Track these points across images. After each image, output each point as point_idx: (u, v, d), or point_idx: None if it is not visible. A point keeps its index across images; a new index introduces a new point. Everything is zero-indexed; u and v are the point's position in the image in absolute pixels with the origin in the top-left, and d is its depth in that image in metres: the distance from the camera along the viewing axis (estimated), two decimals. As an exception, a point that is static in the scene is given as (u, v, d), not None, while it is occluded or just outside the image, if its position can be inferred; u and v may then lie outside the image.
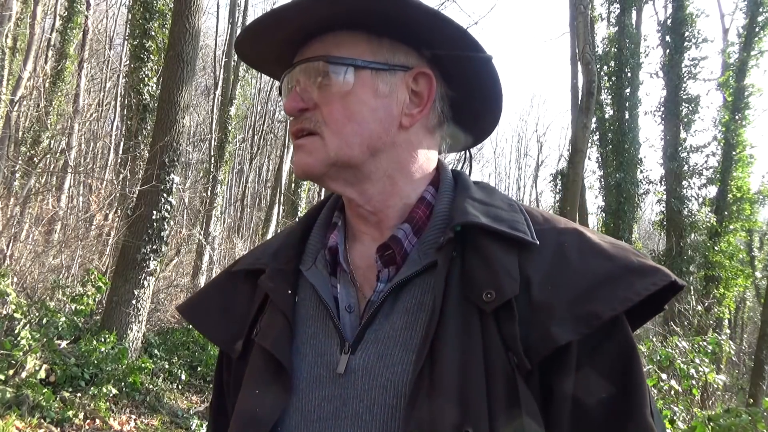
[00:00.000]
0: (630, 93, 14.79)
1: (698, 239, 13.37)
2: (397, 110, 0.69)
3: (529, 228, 0.65)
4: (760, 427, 3.33)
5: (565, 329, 0.57)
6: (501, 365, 0.57)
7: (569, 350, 0.58)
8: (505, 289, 0.59)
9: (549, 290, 0.60)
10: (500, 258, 0.62)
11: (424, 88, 0.71)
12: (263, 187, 27.49)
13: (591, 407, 0.58)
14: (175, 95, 6.24)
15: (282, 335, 0.68)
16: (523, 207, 0.71)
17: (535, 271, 0.61)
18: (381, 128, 0.68)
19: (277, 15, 0.68)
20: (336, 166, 0.69)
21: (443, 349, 0.59)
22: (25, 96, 11.87)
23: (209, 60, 21.67)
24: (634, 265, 0.60)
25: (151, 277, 6.17)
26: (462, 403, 0.56)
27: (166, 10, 10.16)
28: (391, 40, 0.70)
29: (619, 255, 0.62)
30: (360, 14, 0.67)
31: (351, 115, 0.67)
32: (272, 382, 0.66)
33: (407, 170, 0.72)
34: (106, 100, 17.42)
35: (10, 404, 4.10)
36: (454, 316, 0.60)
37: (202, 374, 6.66)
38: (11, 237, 6.97)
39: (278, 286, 0.71)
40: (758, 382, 8.58)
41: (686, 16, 13.96)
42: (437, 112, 0.73)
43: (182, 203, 13.55)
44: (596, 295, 0.58)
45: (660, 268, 0.60)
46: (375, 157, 0.69)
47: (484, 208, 0.68)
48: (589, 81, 7.52)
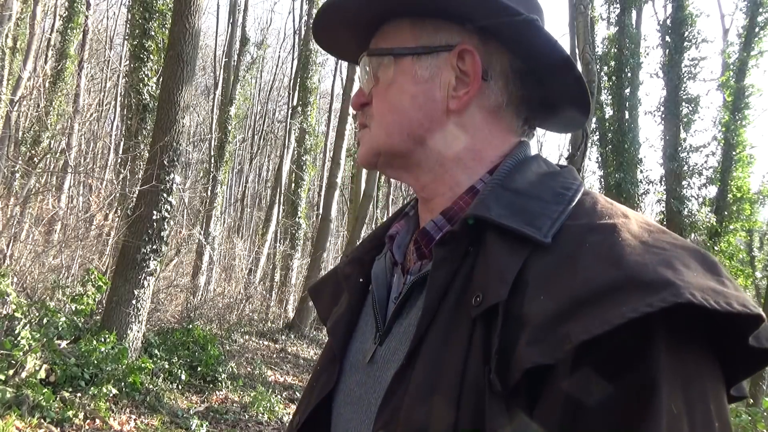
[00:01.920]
0: (630, 93, 14.78)
1: (698, 239, 13.36)
2: (440, 94, 0.66)
3: (554, 224, 0.55)
4: (760, 427, 3.33)
5: (533, 350, 0.47)
6: (475, 378, 0.51)
7: (547, 376, 0.47)
8: (491, 293, 0.53)
9: (538, 300, 0.50)
10: (501, 257, 0.55)
11: (469, 66, 0.65)
12: (263, 187, 27.49)
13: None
14: (175, 95, 6.24)
15: (342, 321, 0.72)
16: (582, 197, 0.59)
17: (536, 275, 0.52)
18: (423, 115, 0.66)
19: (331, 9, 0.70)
20: (384, 156, 0.69)
21: (427, 351, 0.56)
22: (25, 96, 11.87)
23: (209, 60, 21.68)
24: (642, 276, 0.46)
25: (151, 277, 6.17)
26: (428, 411, 0.52)
27: (166, 10, 10.16)
28: (434, 21, 0.67)
29: (636, 262, 0.47)
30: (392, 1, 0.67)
31: (391, 105, 0.68)
32: (329, 364, 0.71)
33: (460, 157, 0.67)
34: (106, 100, 17.42)
35: (10, 404, 4.10)
36: (446, 318, 0.57)
37: (202, 374, 6.66)
38: (11, 237, 6.97)
39: (351, 274, 0.75)
40: (758, 382, 8.59)
41: (686, 16, 13.96)
42: (498, 89, 0.67)
43: (182, 203, 13.54)
44: (579, 312, 0.46)
45: (673, 284, 0.45)
46: (422, 145, 0.67)
47: (513, 199, 0.59)
48: (589, 81, 7.51)
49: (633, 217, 0.55)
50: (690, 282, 0.45)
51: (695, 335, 0.47)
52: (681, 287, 0.44)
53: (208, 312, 10.41)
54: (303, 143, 16.20)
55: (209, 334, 7.78)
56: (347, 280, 0.75)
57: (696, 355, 0.47)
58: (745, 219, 13.45)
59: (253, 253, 14.93)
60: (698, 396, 0.45)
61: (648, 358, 0.45)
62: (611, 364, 0.45)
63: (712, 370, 0.48)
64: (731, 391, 0.52)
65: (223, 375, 6.80)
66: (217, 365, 6.81)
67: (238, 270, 14.43)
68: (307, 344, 11.10)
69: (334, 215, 14.63)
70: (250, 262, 14.72)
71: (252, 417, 5.98)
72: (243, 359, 8.49)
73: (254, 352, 9.30)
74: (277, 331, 11.41)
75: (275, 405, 6.37)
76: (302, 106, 15.97)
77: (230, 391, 6.64)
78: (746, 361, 0.49)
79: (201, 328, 7.76)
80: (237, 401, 6.41)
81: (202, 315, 10.02)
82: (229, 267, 14.56)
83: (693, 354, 0.47)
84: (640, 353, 0.45)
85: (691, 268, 0.47)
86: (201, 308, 10.29)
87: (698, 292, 0.44)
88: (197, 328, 7.54)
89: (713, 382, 0.47)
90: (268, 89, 27.38)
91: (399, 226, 0.74)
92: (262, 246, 15.18)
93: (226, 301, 11.59)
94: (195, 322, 8.76)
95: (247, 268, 14.40)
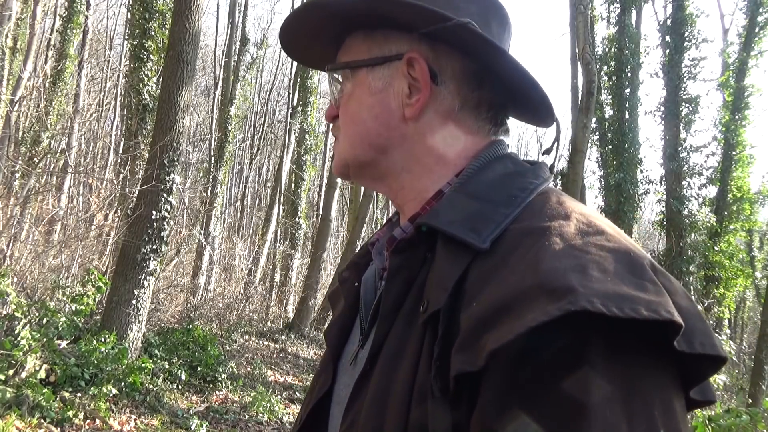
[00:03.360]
0: (630, 93, 14.79)
1: (698, 239, 13.36)
2: (395, 102, 0.67)
3: (496, 228, 0.55)
4: (760, 427, 3.33)
5: (459, 357, 0.47)
6: (423, 385, 0.51)
7: (478, 383, 0.47)
8: (432, 301, 0.53)
9: (471, 307, 0.50)
10: (445, 265, 0.55)
11: (418, 73, 0.65)
12: (263, 187, 27.50)
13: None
14: (175, 95, 6.24)
15: (336, 323, 0.74)
16: (535, 198, 0.59)
17: (473, 282, 0.52)
18: (380, 124, 0.67)
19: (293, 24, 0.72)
20: (352, 167, 0.72)
21: (384, 357, 0.57)
22: (25, 96, 11.87)
23: (209, 60, 21.67)
24: (551, 283, 0.45)
25: (151, 277, 6.17)
26: (382, 416, 0.53)
27: (166, 10, 10.16)
28: (383, 31, 0.68)
29: (549, 268, 0.47)
30: (339, 20, 0.69)
31: (352, 117, 0.70)
32: (326, 365, 0.72)
33: (423, 162, 0.67)
34: (106, 100, 17.42)
35: (10, 404, 4.10)
36: (402, 324, 0.58)
37: (202, 374, 6.66)
38: (11, 237, 6.97)
39: (348, 278, 0.76)
40: (758, 382, 8.59)
41: (686, 16, 13.96)
42: (451, 92, 0.66)
43: (182, 203, 13.54)
44: (497, 319, 0.46)
45: (574, 290, 0.43)
46: (386, 154, 0.68)
47: (466, 204, 0.59)
48: (589, 81, 7.52)
49: (575, 217, 0.54)
50: (593, 288, 0.44)
51: (640, 341, 0.45)
52: (580, 294, 0.43)
53: (208, 312, 10.41)
54: (303, 143, 16.20)
55: (209, 334, 7.78)
56: (344, 284, 0.77)
57: (641, 360, 0.45)
58: (745, 219, 13.45)
59: (253, 253, 14.93)
60: (641, 403, 0.43)
61: (580, 366, 0.43)
62: (540, 371, 0.44)
63: (661, 376, 0.46)
64: (692, 394, 0.51)
65: (223, 375, 6.80)
66: (217, 365, 6.81)
67: (238, 270, 14.44)
68: (307, 344, 11.10)
69: (334, 215, 14.64)
70: (250, 262, 14.72)
71: (252, 417, 5.98)
72: (243, 359, 8.49)
73: (254, 352, 9.30)
74: (277, 331, 11.41)
75: (275, 405, 6.37)
76: (302, 106, 15.98)
77: (230, 391, 6.63)
78: (695, 365, 0.48)
79: (201, 328, 7.76)
80: (237, 401, 6.41)
81: (202, 315, 10.03)
82: (229, 267, 14.56)
83: (636, 360, 0.45)
84: (573, 360, 0.44)
85: (607, 272, 0.46)
86: (201, 308, 10.29)
87: (598, 298, 0.43)
88: (197, 328, 7.54)
89: (661, 389, 0.45)
90: (268, 89, 27.38)
91: (381, 233, 0.76)
92: (262, 246, 15.18)
93: (226, 301, 11.59)
94: (195, 322, 8.76)
95: (247, 268, 14.40)
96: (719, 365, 0.48)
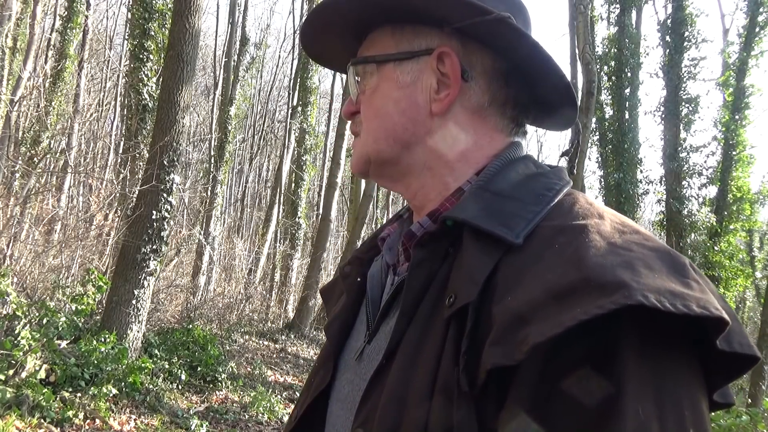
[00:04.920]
0: (630, 93, 14.79)
1: (698, 239, 13.35)
2: (423, 98, 0.66)
3: (528, 225, 0.55)
4: (760, 427, 3.33)
5: (495, 351, 0.46)
6: (446, 379, 0.50)
7: (512, 377, 0.46)
8: (462, 294, 0.52)
9: (505, 301, 0.49)
10: (474, 258, 0.55)
11: (449, 68, 0.65)
12: (263, 187, 27.50)
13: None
14: (175, 95, 6.24)
15: (337, 319, 0.73)
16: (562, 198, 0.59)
17: (506, 276, 0.52)
18: (407, 119, 0.67)
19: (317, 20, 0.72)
20: (374, 164, 0.70)
21: (403, 351, 0.56)
22: (25, 96, 11.87)
23: (209, 60, 21.68)
24: (599, 278, 0.45)
25: (151, 277, 6.17)
26: (401, 411, 0.52)
27: (166, 10, 10.16)
28: (413, 26, 0.68)
29: (596, 264, 0.46)
30: (370, 10, 0.68)
31: (376, 112, 0.69)
32: (326, 361, 0.72)
33: (446, 159, 0.67)
34: (106, 100, 17.43)
35: (10, 404, 4.10)
36: (423, 318, 0.57)
37: (202, 374, 6.66)
38: (11, 237, 6.97)
39: (350, 273, 0.76)
40: (758, 382, 8.59)
41: (686, 16, 13.96)
42: (480, 89, 0.66)
43: (182, 203, 13.55)
44: (538, 314, 0.46)
45: (627, 285, 0.43)
46: (409, 150, 0.68)
47: (492, 201, 0.59)
48: (589, 81, 7.52)
49: (609, 217, 0.55)
50: (646, 284, 0.44)
51: (672, 339, 0.46)
52: (634, 289, 0.43)
53: (208, 312, 10.41)
54: (303, 143, 16.20)
55: (209, 334, 7.77)
56: (346, 280, 0.76)
57: (672, 359, 0.45)
58: (745, 219, 13.44)
59: (253, 253, 14.93)
60: (671, 401, 0.43)
61: (614, 362, 0.43)
62: (574, 366, 0.44)
63: (690, 376, 0.46)
64: (714, 397, 0.50)
65: (223, 375, 6.80)
66: (217, 365, 6.81)
67: (238, 270, 14.44)
68: (307, 344, 11.10)
69: (334, 215, 14.63)
70: (250, 262, 14.72)
71: (252, 417, 5.98)
72: (243, 359, 8.49)
73: (254, 352, 9.30)
74: (277, 331, 11.41)
75: (275, 405, 6.37)
76: (302, 106, 15.98)
77: (230, 391, 6.64)
78: (725, 366, 0.48)
79: (201, 328, 7.76)
80: (237, 401, 6.41)
81: (202, 315, 10.02)
82: (229, 267, 14.56)
83: (668, 358, 0.45)
84: (607, 357, 0.44)
85: (654, 270, 0.46)
86: (201, 308, 10.29)
87: (652, 293, 0.43)
88: (197, 328, 7.54)
89: (690, 388, 0.45)
90: (268, 89, 27.38)
91: (391, 228, 0.76)
92: (262, 246, 15.18)
93: (226, 301, 11.59)
94: (195, 322, 8.76)
95: (247, 268, 14.40)
96: (751, 366, 0.48)
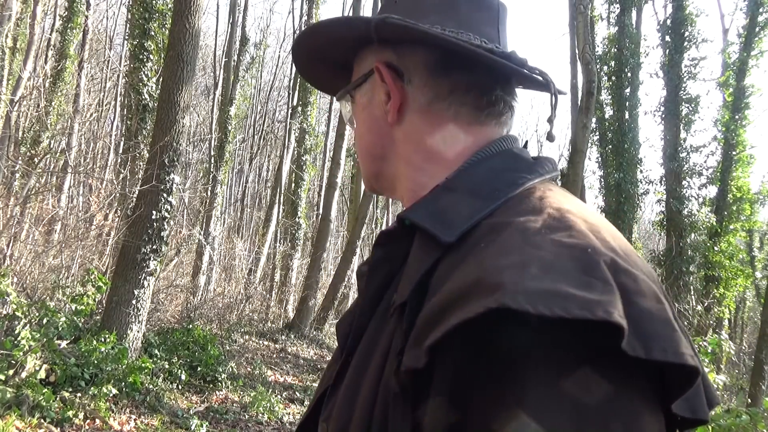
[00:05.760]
0: (630, 93, 14.79)
1: (698, 239, 13.36)
2: (379, 112, 0.70)
3: (465, 222, 0.54)
4: (760, 427, 3.33)
5: (409, 353, 0.46)
6: (387, 379, 0.50)
7: (429, 379, 0.45)
8: (400, 294, 0.53)
9: (429, 302, 0.49)
10: (415, 258, 0.55)
11: (386, 78, 0.68)
12: (263, 187, 27.50)
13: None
14: (175, 95, 6.24)
15: (346, 316, 0.74)
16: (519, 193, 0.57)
17: (438, 276, 0.51)
18: (374, 135, 0.72)
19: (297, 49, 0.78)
20: (371, 180, 0.76)
21: (359, 351, 0.58)
22: (25, 96, 11.88)
23: (209, 60, 21.67)
24: (487, 279, 0.43)
25: (151, 277, 6.17)
26: (351, 409, 0.53)
27: (166, 10, 10.16)
28: (361, 51, 0.73)
29: (494, 264, 0.45)
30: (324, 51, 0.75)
31: (357, 135, 0.75)
32: (336, 358, 0.72)
33: (415, 162, 0.68)
34: (106, 100, 17.43)
35: (10, 404, 4.10)
36: (380, 318, 0.58)
37: (202, 374, 6.66)
38: (11, 237, 6.97)
39: (364, 273, 0.77)
40: (758, 382, 8.58)
41: (686, 16, 13.96)
42: (422, 87, 0.67)
43: (182, 203, 13.55)
44: (440, 316, 0.45)
45: (502, 287, 0.41)
46: (386, 162, 0.72)
47: (447, 199, 0.59)
48: (589, 81, 7.52)
49: (548, 212, 0.51)
50: (525, 285, 0.41)
51: (588, 345, 0.42)
52: (507, 291, 0.41)
53: (208, 312, 10.40)
54: (303, 143, 16.20)
55: (209, 334, 7.77)
56: (361, 279, 0.77)
57: (589, 367, 0.41)
58: (745, 219, 13.45)
59: (253, 253, 14.93)
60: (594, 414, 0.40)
61: (520, 367, 0.41)
62: (465, 369, 0.43)
63: (617, 385, 0.41)
64: (675, 409, 0.46)
65: (223, 375, 6.80)
66: (217, 365, 6.81)
67: (238, 270, 14.43)
68: (307, 344, 11.10)
69: (334, 215, 14.63)
70: (250, 262, 14.72)
71: (252, 417, 5.98)
72: (243, 359, 8.49)
73: (254, 352, 9.30)
74: (277, 331, 11.41)
75: (275, 405, 6.37)
76: (302, 106, 15.98)
77: (230, 391, 6.64)
78: (675, 376, 0.44)
79: (201, 328, 7.76)
80: (237, 401, 6.41)
81: (202, 315, 10.02)
82: (229, 267, 14.56)
83: (582, 365, 0.41)
84: (513, 361, 0.41)
85: (552, 270, 0.43)
86: (201, 308, 10.28)
87: (525, 296, 0.40)
88: (197, 328, 7.54)
89: (617, 399, 0.41)
90: (268, 89, 27.38)
91: None
92: (262, 246, 15.18)
93: (226, 301, 11.59)
94: (195, 322, 8.76)
95: (247, 268, 14.40)
96: (691, 376, 0.43)
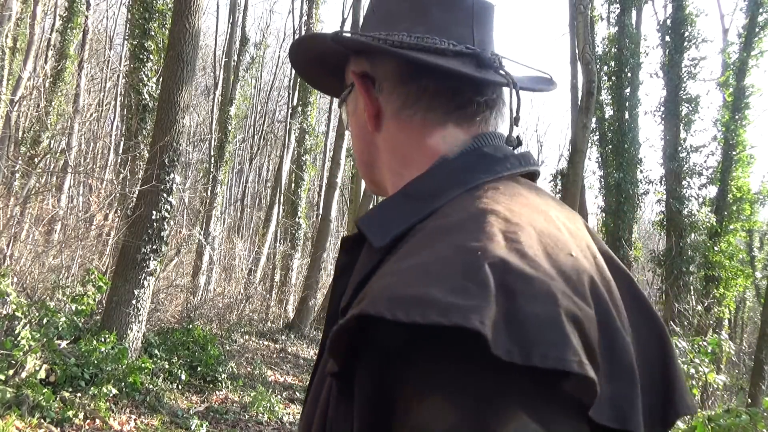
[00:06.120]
0: (630, 93, 14.79)
1: (698, 239, 13.35)
2: (362, 120, 0.72)
3: (398, 227, 0.55)
4: (760, 427, 3.33)
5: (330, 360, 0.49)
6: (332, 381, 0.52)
7: None
8: (344, 299, 0.55)
9: None
10: (362, 263, 0.57)
11: (360, 86, 0.70)
12: (263, 187, 27.50)
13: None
14: (175, 95, 6.24)
15: None
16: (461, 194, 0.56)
17: (371, 282, 0.51)
18: (361, 142, 0.73)
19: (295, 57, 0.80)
20: (370, 185, 0.78)
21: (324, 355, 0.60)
22: (25, 96, 11.88)
23: (209, 60, 21.66)
24: (370, 287, 0.46)
25: (151, 277, 6.17)
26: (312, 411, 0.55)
27: (166, 10, 10.16)
28: (349, 60, 0.74)
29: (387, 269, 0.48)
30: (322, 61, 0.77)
31: (352, 142, 0.78)
32: None
33: (394, 168, 0.69)
34: (106, 100, 17.43)
35: (10, 404, 4.10)
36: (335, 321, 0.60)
37: (202, 374, 6.65)
38: (11, 237, 6.96)
39: None
40: (758, 382, 8.57)
41: (686, 16, 13.96)
42: (393, 93, 0.67)
43: (182, 203, 13.55)
44: None
45: (371, 294, 0.44)
46: (374, 168, 0.74)
47: (397, 203, 0.59)
48: (589, 81, 7.52)
49: (468, 213, 0.51)
50: (392, 292, 0.42)
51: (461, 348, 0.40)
52: (368, 299, 0.42)
53: (208, 312, 10.40)
54: (303, 143, 16.19)
55: (209, 334, 7.77)
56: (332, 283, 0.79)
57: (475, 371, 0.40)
58: (745, 219, 13.44)
59: (253, 253, 14.93)
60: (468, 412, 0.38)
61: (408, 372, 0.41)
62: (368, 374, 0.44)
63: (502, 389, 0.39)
64: (594, 415, 0.43)
65: (223, 375, 6.80)
66: (217, 365, 6.81)
67: (238, 270, 14.43)
68: (307, 344, 11.10)
69: (334, 215, 14.62)
70: (250, 262, 14.72)
71: (252, 417, 5.98)
72: (243, 359, 8.49)
73: (254, 352, 9.30)
74: (277, 331, 11.41)
75: (275, 405, 6.37)
76: (302, 106, 15.97)
77: (230, 391, 6.63)
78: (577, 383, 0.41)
79: (201, 328, 7.76)
80: (237, 401, 6.41)
81: (202, 315, 10.02)
82: (229, 267, 14.56)
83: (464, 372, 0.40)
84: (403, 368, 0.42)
85: (428, 275, 0.42)
86: (201, 308, 10.28)
87: (385, 303, 0.40)
88: (197, 328, 7.54)
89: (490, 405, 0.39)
90: (268, 89, 27.38)
91: None
92: (262, 246, 15.18)
93: (226, 301, 11.59)
94: (195, 322, 8.76)
95: (247, 268, 14.40)
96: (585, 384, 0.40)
